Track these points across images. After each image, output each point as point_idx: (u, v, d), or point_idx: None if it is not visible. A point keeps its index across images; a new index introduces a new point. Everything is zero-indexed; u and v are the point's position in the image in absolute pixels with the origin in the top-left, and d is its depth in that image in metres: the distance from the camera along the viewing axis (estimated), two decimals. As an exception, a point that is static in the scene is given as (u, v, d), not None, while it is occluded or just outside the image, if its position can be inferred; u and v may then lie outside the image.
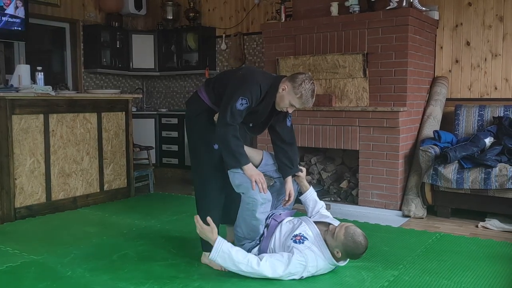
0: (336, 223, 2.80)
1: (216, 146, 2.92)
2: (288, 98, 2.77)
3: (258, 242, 2.86)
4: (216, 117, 2.88)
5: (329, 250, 2.65)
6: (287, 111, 2.88)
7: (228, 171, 2.82)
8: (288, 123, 3.03)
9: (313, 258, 2.61)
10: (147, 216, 4.17)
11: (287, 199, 3.02)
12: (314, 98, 2.81)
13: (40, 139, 4.15)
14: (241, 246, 2.88)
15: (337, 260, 2.67)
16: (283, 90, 2.77)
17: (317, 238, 2.67)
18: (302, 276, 2.62)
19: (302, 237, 2.66)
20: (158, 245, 3.31)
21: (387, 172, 4.35)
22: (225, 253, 2.59)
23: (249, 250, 2.86)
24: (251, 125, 3.04)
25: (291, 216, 2.97)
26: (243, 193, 2.79)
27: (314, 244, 2.65)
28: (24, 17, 5.23)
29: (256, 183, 2.71)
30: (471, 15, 4.73)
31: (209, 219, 2.70)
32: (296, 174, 3.04)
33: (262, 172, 2.90)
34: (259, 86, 2.76)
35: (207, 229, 2.66)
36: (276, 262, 2.62)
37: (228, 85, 2.85)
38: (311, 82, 2.76)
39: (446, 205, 4.13)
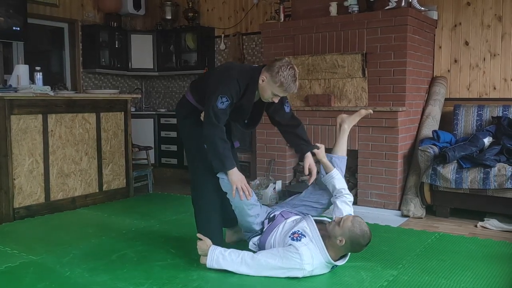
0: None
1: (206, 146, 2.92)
2: (269, 88, 2.73)
3: (259, 232, 2.90)
4: (202, 116, 2.87)
5: (331, 241, 2.63)
6: (275, 101, 2.83)
7: (217, 174, 2.83)
8: (287, 109, 3.00)
9: (308, 256, 2.60)
10: (146, 216, 4.17)
11: (306, 173, 3.02)
12: (297, 82, 2.74)
13: (38, 139, 4.15)
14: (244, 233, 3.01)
15: (335, 258, 2.67)
16: (262, 81, 2.74)
17: (315, 236, 2.67)
18: (299, 276, 2.62)
19: (300, 235, 2.67)
20: (157, 245, 3.31)
21: (386, 172, 4.35)
22: (219, 258, 2.69)
23: (249, 239, 2.93)
24: (246, 121, 3.03)
25: (298, 216, 2.95)
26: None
27: (312, 242, 2.65)
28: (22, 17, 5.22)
29: (238, 190, 2.71)
30: (470, 15, 4.74)
31: (199, 234, 2.82)
32: (313, 151, 3.04)
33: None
34: (237, 81, 2.73)
35: (201, 243, 2.78)
36: (270, 254, 2.66)
37: (208, 84, 2.84)
38: (289, 67, 2.68)
39: (445, 205, 4.13)
